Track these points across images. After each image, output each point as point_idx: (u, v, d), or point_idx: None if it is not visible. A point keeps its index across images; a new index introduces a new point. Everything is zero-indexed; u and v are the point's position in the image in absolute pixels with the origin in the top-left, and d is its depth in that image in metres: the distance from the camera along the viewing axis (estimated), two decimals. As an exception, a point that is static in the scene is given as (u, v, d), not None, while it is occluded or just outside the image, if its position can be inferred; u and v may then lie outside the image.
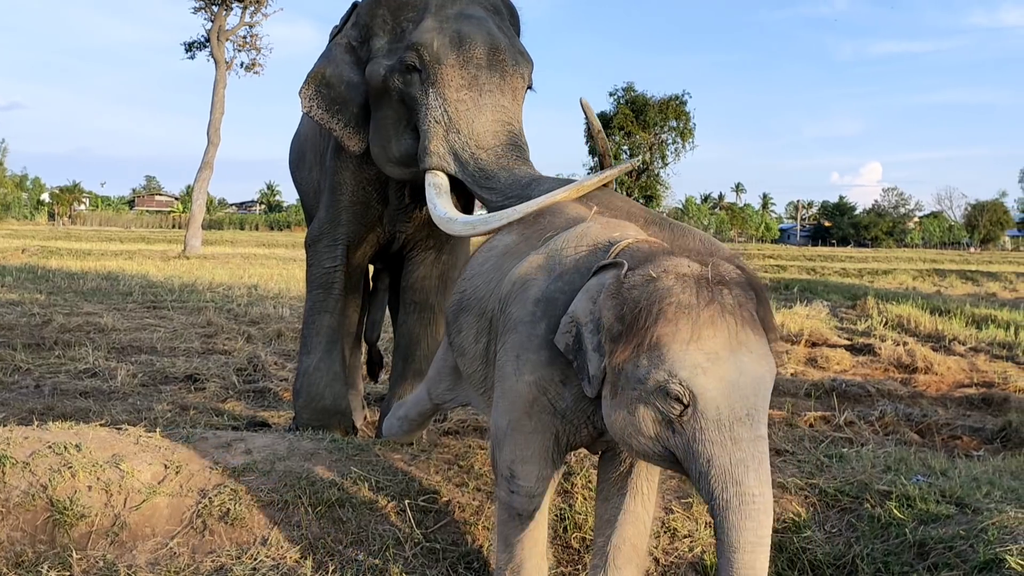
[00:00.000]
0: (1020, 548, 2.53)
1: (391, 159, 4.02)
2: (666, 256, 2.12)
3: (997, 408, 6.58)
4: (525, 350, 2.38)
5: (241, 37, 29.14)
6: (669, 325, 1.94)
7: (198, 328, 9.46)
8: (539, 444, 2.44)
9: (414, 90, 3.83)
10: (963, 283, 23.01)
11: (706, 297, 1.96)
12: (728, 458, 1.90)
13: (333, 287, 4.52)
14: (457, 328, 2.91)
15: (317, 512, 3.22)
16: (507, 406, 2.46)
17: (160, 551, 3.08)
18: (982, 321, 11.83)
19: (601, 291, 2.15)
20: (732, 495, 1.88)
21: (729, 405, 1.90)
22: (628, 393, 2.01)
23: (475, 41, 3.79)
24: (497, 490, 2.57)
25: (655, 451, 2.03)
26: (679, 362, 1.91)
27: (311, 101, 4.12)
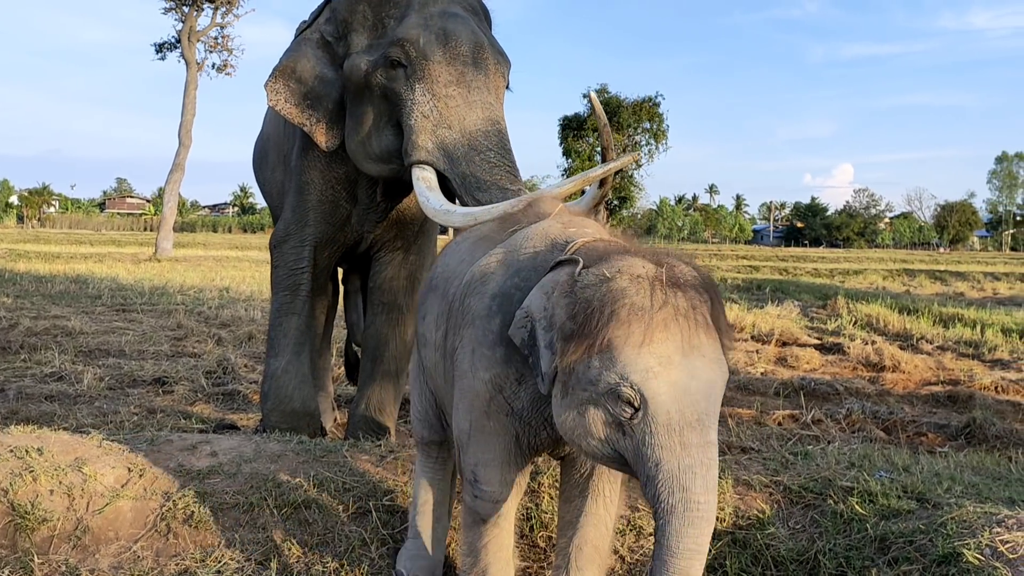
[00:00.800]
0: (978, 542, 2.56)
1: (370, 156, 4.00)
2: (620, 255, 2.08)
3: (962, 405, 6.67)
4: (480, 345, 2.31)
5: (212, 38, 28.97)
6: (622, 327, 1.90)
7: (167, 331, 9.39)
8: (500, 446, 2.35)
9: (398, 86, 3.82)
10: (932, 283, 23.30)
11: (660, 299, 1.93)
12: (676, 463, 1.87)
13: (300, 288, 4.49)
14: (423, 312, 2.80)
15: (283, 514, 3.20)
16: (466, 406, 2.38)
17: (123, 555, 3.05)
18: (949, 320, 11.99)
19: (556, 287, 2.10)
20: (677, 501, 1.86)
21: (680, 410, 1.88)
22: (579, 394, 1.98)
23: (461, 38, 3.80)
24: (463, 493, 2.49)
25: (604, 453, 2.01)
26: (631, 365, 1.88)
27: (278, 95, 4.07)
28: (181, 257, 25.61)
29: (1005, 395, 7.08)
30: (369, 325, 4.71)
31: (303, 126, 4.09)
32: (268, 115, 5.21)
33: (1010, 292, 19.78)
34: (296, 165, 4.42)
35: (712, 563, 3.01)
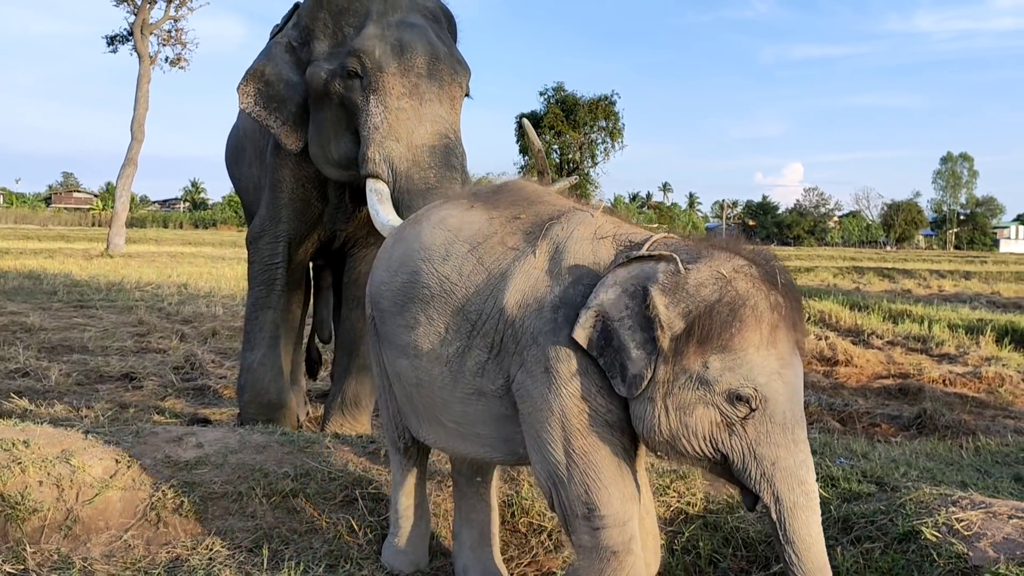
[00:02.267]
0: (935, 521, 2.75)
1: (330, 161, 4.10)
2: (724, 254, 2.10)
3: (913, 397, 6.94)
4: (553, 361, 2.18)
5: (166, 31, 28.51)
6: (747, 330, 1.96)
7: (129, 327, 9.32)
8: (609, 460, 2.19)
9: (355, 95, 3.91)
10: (881, 280, 23.85)
11: (772, 302, 2.00)
12: (792, 460, 1.99)
13: (275, 283, 4.55)
14: (406, 322, 2.57)
15: (271, 503, 3.28)
16: (556, 434, 2.19)
17: (115, 543, 3.11)
18: (898, 316, 12.35)
19: (638, 284, 2.09)
20: (800, 494, 1.98)
21: (792, 409, 2.00)
22: (688, 394, 2.00)
23: (416, 50, 3.89)
24: (575, 540, 2.25)
25: (703, 453, 2.05)
26: (757, 367, 1.96)
27: (249, 98, 4.17)
28: (134, 253, 25.22)
29: (952, 388, 7.37)
30: (344, 320, 4.79)
31: (271, 128, 4.20)
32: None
33: (955, 289, 20.33)
34: (270, 162, 4.51)
35: (685, 545, 3.16)
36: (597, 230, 2.34)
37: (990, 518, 2.71)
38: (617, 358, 2.08)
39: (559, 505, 2.27)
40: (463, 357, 2.42)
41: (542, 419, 2.21)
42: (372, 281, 2.82)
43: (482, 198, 2.69)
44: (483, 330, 2.38)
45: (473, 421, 2.48)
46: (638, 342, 2.05)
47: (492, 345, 2.36)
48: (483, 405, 2.43)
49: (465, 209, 2.66)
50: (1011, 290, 19.73)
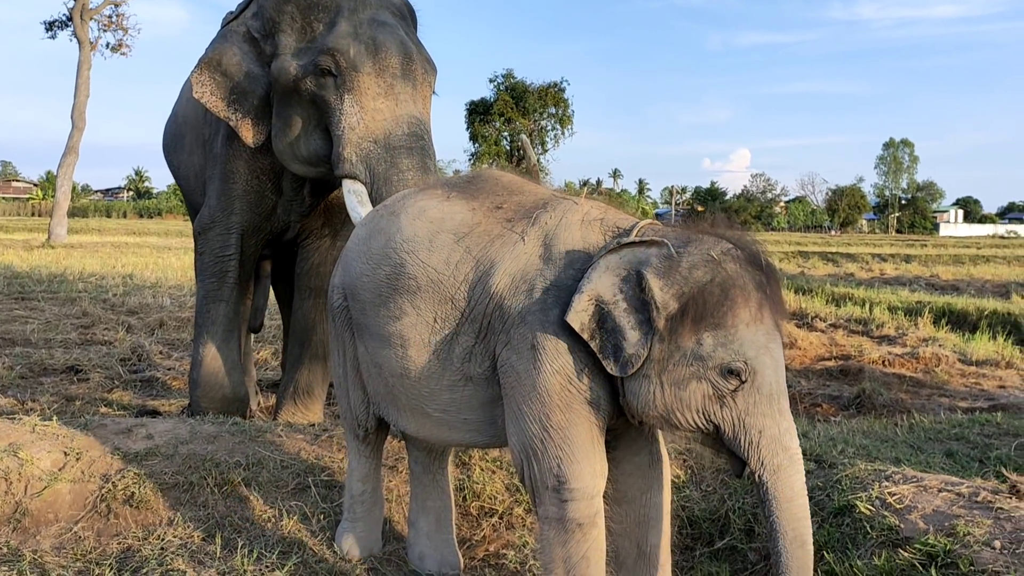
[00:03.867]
0: (869, 495, 2.86)
1: (297, 157, 4.08)
2: (712, 239, 2.21)
3: (853, 378, 7.14)
4: (541, 338, 2.27)
5: (106, 16, 27.88)
6: (737, 308, 2.09)
7: (73, 319, 9.16)
8: (583, 436, 2.28)
9: (328, 94, 3.90)
10: (825, 264, 24.33)
11: (758, 281, 2.14)
12: (777, 427, 2.12)
13: (227, 275, 4.51)
14: (390, 313, 2.61)
15: (223, 492, 3.30)
16: (535, 408, 2.28)
17: (65, 536, 3.10)
18: (841, 299, 12.65)
19: (631, 268, 2.19)
20: (783, 459, 2.11)
21: (776, 381, 2.13)
22: (682, 370, 2.12)
23: (390, 50, 3.89)
24: (542, 511, 2.32)
25: (696, 424, 2.16)
26: (747, 342, 2.09)
27: (204, 87, 4.08)
28: (76, 244, 24.68)
29: (891, 368, 7.60)
30: (296, 310, 4.78)
31: (228, 120, 4.11)
32: (184, 98, 5.16)
33: (896, 272, 20.83)
34: (222, 153, 4.44)
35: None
36: (585, 216, 2.44)
37: (921, 492, 2.84)
38: (610, 340, 2.18)
39: (530, 477, 2.34)
40: (451, 345, 2.48)
41: (524, 393, 2.30)
42: (348, 273, 2.83)
43: (458, 189, 2.73)
44: (471, 316, 2.44)
45: (460, 407, 2.54)
46: (633, 324, 2.17)
47: (480, 329, 2.43)
48: (470, 391, 2.49)
49: (443, 200, 2.69)
50: (949, 272, 20.27)
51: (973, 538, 2.46)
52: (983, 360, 7.96)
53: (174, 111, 5.38)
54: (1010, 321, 10.12)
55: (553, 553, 2.30)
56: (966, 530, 2.50)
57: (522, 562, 3.10)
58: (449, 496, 3.07)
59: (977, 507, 2.69)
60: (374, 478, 3.07)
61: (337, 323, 2.90)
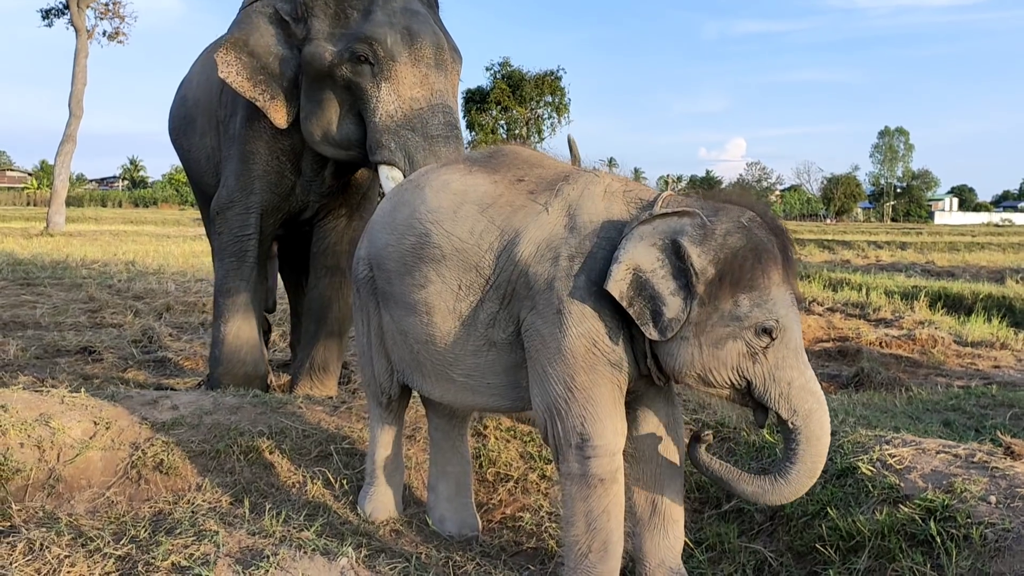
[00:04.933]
0: (870, 457, 2.99)
1: (330, 141, 4.19)
2: (737, 208, 2.38)
3: (851, 358, 7.27)
4: (567, 303, 2.39)
5: (103, 4, 27.85)
6: (769, 271, 2.27)
7: (80, 304, 9.26)
8: (606, 396, 2.41)
9: (364, 82, 4.01)
10: (821, 251, 24.47)
11: (780, 245, 2.33)
12: (803, 378, 2.31)
13: (247, 255, 4.60)
14: (416, 282, 2.71)
15: (249, 459, 3.43)
16: (561, 369, 2.40)
17: (98, 500, 3.23)
18: (837, 284, 12.79)
19: (667, 238, 2.33)
20: (813, 403, 2.30)
21: (799, 336, 2.33)
22: (719, 330, 2.27)
23: (425, 40, 4.03)
24: (565, 468, 2.45)
25: (731, 381, 2.32)
26: (779, 301, 2.27)
27: (230, 68, 4.14)
28: (75, 232, 24.73)
29: (888, 349, 7.73)
30: (312, 288, 4.89)
31: (255, 101, 4.18)
32: (195, 80, 5.22)
33: (891, 259, 20.97)
34: (241, 134, 4.52)
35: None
36: (607, 188, 2.57)
37: (920, 454, 2.97)
38: (649, 306, 2.32)
39: (553, 435, 2.46)
40: (476, 311, 2.61)
41: (550, 355, 2.43)
42: (374, 244, 2.94)
43: (480, 163, 2.85)
44: (496, 283, 2.57)
45: (484, 372, 2.67)
46: (673, 290, 2.31)
47: (504, 296, 2.56)
48: (494, 355, 2.62)
49: (466, 174, 2.80)
50: (944, 259, 20.42)
51: (970, 494, 2.59)
52: (978, 341, 8.10)
53: (182, 94, 5.42)
54: (1005, 304, 10.27)
55: (575, 508, 2.43)
56: (963, 487, 2.63)
57: (538, 524, 3.23)
58: (468, 462, 3.19)
59: (974, 467, 2.82)
60: (396, 444, 3.19)
61: (362, 294, 3.02)
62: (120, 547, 2.75)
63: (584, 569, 2.44)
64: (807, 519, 2.84)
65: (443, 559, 2.88)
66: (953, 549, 2.40)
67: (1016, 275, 14.43)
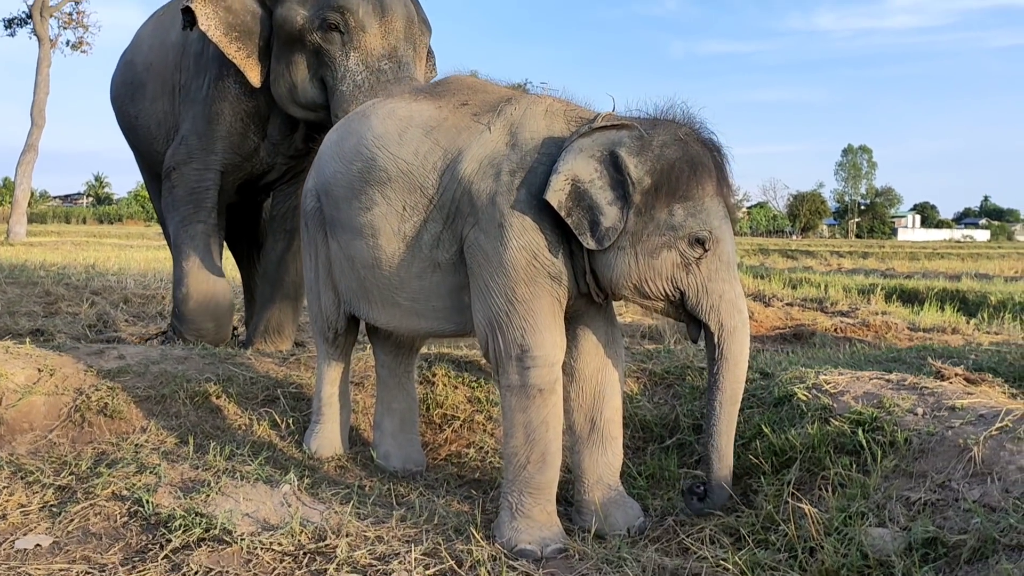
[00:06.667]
0: (806, 385, 3.06)
1: (297, 102, 4.24)
2: (674, 123, 2.44)
3: (806, 341, 7.39)
4: (508, 217, 2.43)
5: (66, 14, 27.66)
6: (704, 182, 2.33)
7: (36, 297, 9.12)
8: (546, 308, 2.44)
9: (333, 49, 4.06)
10: (785, 260, 24.81)
11: (715, 160, 2.39)
12: (733, 292, 2.38)
13: (204, 203, 4.58)
14: (362, 205, 2.75)
15: (194, 403, 3.43)
16: (501, 282, 2.44)
17: (40, 442, 3.21)
18: (798, 283, 12.98)
19: (605, 149, 2.38)
20: (738, 321, 2.40)
21: (732, 250, 2.38)
22: (655, 240, 2.33)
23: (396, 12, 4.10)
24: (505, 380, 2.47)
25: (665, 292, 2.37)
26: (712, 213, 2.33)
27: (210, 20, 4.13)
28: (36, 243, 24.41)
29: (842, 334, 7.86)
30: (269, 252, 4.88)
31: (232, 57, 4.19)
32: (145, 44, 5.16)
33: (853, 266, 21.31)
34: (206, 95, 4.51)
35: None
36: (548, 107, 2.61)
37: (854, 380, 3.04)
38: (587, 215, 2.37)
39: (494, 349, 2.49)
40: (420, 232, 2.65)
41: (491, 269, 2.46)
42: (321, 174, 2.99)
43: (425, 92, 2.92)
44: (439, 202, 2.61)
45: (428, 295, 2.70)
46: (610, 199, 2.36)
47: (448, 215, 2.59)
48: (438, 277, 2.66)
49: (411, 101, 2.85)
50: (904, 266, 20.77)
51: (898, 408, 2.66)
52: (930, 327, 8.24)
53: (130, 60, 5.29)
54: (958, 297, 10.48)
55: (515, 419, 2.46)
56: (892, 402, 2.70)
57: (482, 460, 3.26)
58: (414, 399, 3.22)
59: (904, 389, 2.89)
60: (342, 382, 3.21)
61: (310, 226, 3.05)
62: (60, 479, 2.75)
63: (523, 480, 2.46)
64: (744, 442, 2.89)
65: (386, 490, 2.90)
66: (879, 453, 2.46)
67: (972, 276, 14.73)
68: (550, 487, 2.48)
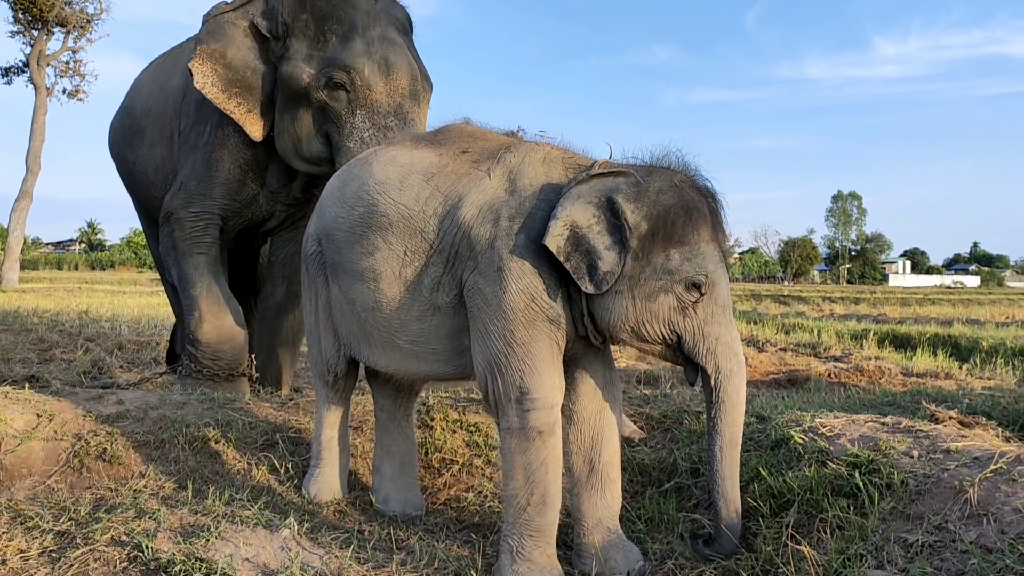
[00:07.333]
0: (802, 428, 3.08)
1: (301, 156, 4.30)
2: (669, 170, 2.50)
3: (800, 386, 7.43)
4: (507, 261, 2.47)
5: (63, 62, 27.92)
6: (699, 228, 2.38)
7: (30, 344, 9.12)
8: (544, 351, 2.47)
9: (339, 106, 4.14)
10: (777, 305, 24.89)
11: (712, 206, 2.45)
12: (729, 335, 2.42)
13: (205, 239, 4.60)
14: (364, 249, 2.79)
15: (194, 448, 3.43)
16: (501, 325, 2.46)
17: (38, 487, 3.21)
18: (791, 328, 13.04)
19: (602, 195, 2.43)
20: (734, 364, 2.43)
21: (728, 294, 2.43)
22: (652, 284, 2.38)
23: (401, 71, 4.18)
24: (504, 423, 2.49)
25: (662, 335, 2.42)
26: (707, 257, 2.38)
27: (207, 79, 4.19)
28: (28, 289, 24.38)
29: (836, 379, 7.90)
30: (268, 298, 4.91)
31: (231, 113, 4.25)
32: (145, 90, 5.24)
33: (845, 311, 21.39)
34: (207, 143, 4.56)
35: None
36: (546, 155, 2.68)
37: (850, 423, 3.07)
38: (585, 260, 2.42)
39: (494, 391, 2.52)
40: (421, 276, 2.69)
41: (491, 312, 2.49)
42: (323, 218, 3.03)
43: (425, 139, 2.98)
44: (439, 246, 2.65)
45: (428, 337, 2.73)
46: (607, 244, 2.41)
47: (448, 259, 2.63)
48: (438, 320, 2.69)
49: (412, 149, 2.91)
50: (896, 312, 20.85)
51: (894, 451, 2.68)
52: (923, 372, 8.29)
53: (129, 106, 5.38)
54: (950, 342, 10.54)
55: (514, 461, 2.48)
56: (888, 445, 2.73)
57: (481, 504, 3.26)
58: (413, 442, 3.23)
59: (900, 431, 2.92)
60: (341, 425, 3.22)
61: (311, 270, 3.08)
62: (59, 524, 2.74)
63: (523, 522, 2.48)
64: (742, 485, 2.89)
65: (386, 534, 2.90)
66: (876, 495, 2.48)
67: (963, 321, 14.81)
68: (550, 529, 2.50)
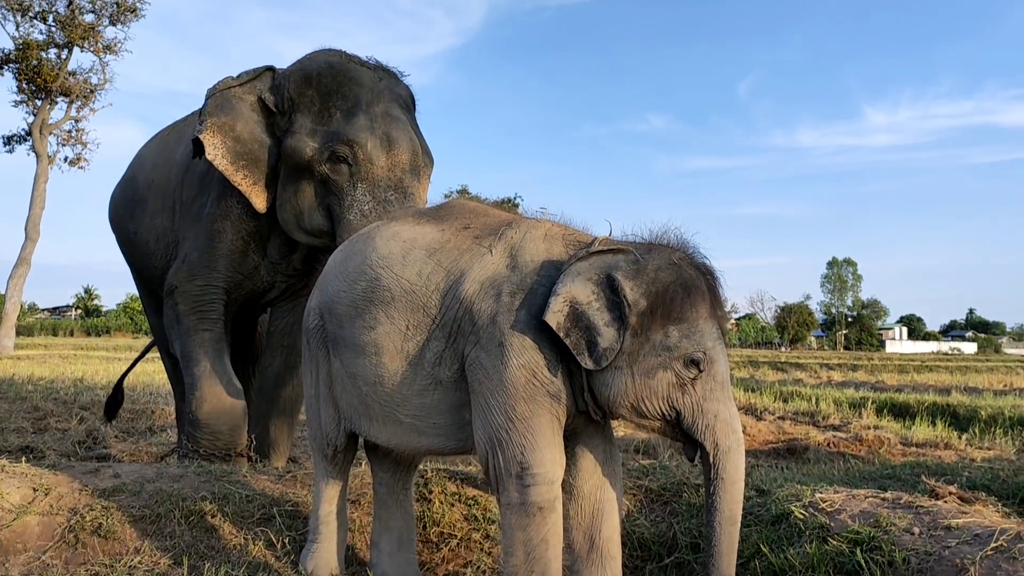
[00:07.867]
0: (803, 503, 3.08)
1: (303, 228, 4.36)
2: (668, 248, 2.54)
3: (799, 455, 7.38)
4: (508, 336, 2.49)
5: (66, 131, 28.28)
6: (697, 305, 2.41)
7: (24, 413, 9.06)
8: (545, 426, 2.48)
9: (341, 180, 4.21)
10: (774, 372, 24.84)
11: (710, 283, 2.48)
12: (728, 412, 2.44)
13: (210, 314, 4.62)
14: (366, 324, 2.81)
15: (190, 523, 3.40)
16: (502, 400, 2.48)
17: (33, 563, 3.17)
18: (789, 396, 13.01)
19: (601, 272, 2.47)
20: (733, 441, 2.43)
21: (726, 371, 2.45)
22: (651, 360, 2.40)
23: (402, 146, 4.25)
24: (505, 498, 2.49)
25: (661, 411, 2.43)
26: (706, 334, 2.40)
27: (217, 150, 4.26)
28: (23, 356, 24.29)
29: (836, 448, 7.86)
30: (266, 367, 4.91)
31: (238, 185, 4.31)
32: (148, 162, 5.31)
33: (843, 378, 21.34)
34: (209, 214, 4.62)
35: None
36: (547, 232, 2.72)
37: (850, 499, 3.06)
38: (585, 336, 2.44)
39: (494, 466, 2.52)
40: (422, 350, 2.70)
41: (492, 386, 2.51)
42: (325, 292, 3.05)
43: (427, 215, 3.02)
44: (442, 321, 2.67)
45: (430, 412, 2.73)
46: (607, 321, 2.44)
47: (450, 334, 2.65)
48: (439, 394, 2.70)
49: (415, 224, 2.95)
50: (894, 379, 20.81)
51: (895, 527, 2.68)
52: (923, 442, 8.25)
53: (132, 177, 5.43)
54: (949, 411, 10.51)
55: (514, 537, 2.47)
56: (889, 521, 2.72)
57: (480, 580, 3.22)
58: (411, 517, 3.21)
59: (900, 507, 2.91)
60: (340, 500, 3.20)
61: (312, 344, 3.10)
62: (53, 602, 2.71)
63: None
64: (743, 562, 2.89)
65: (384, 612, 2.86)
66: (878, 573, 2.47)
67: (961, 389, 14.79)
68: None
